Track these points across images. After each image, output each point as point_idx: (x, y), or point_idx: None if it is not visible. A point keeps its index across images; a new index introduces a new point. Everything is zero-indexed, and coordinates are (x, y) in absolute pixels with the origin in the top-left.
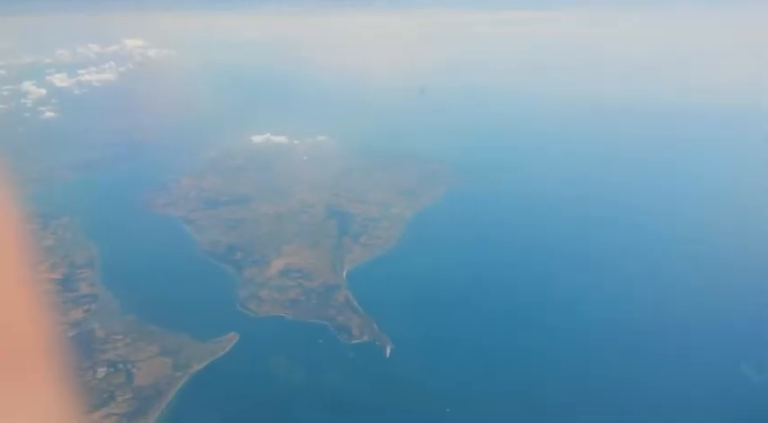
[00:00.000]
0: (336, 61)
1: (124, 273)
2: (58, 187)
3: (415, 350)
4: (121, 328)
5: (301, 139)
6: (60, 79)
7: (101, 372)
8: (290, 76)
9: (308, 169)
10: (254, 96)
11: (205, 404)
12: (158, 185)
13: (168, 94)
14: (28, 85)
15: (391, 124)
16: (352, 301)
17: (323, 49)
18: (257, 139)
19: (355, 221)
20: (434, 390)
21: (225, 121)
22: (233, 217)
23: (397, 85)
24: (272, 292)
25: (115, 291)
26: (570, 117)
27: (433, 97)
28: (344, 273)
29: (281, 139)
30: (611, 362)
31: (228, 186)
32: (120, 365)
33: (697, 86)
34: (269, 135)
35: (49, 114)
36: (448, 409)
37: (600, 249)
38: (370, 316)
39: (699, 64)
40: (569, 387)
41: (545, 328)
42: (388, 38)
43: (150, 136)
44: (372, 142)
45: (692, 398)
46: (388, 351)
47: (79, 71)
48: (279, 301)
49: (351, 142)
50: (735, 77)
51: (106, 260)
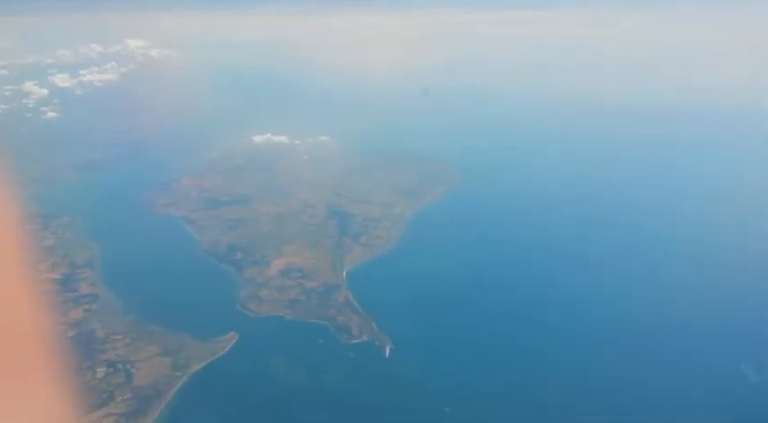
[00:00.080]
0: (337, 61)
1: (125, 273)
2: (59, 187)
3: (414, 350)
4: (121, 328)
5: (302, 139)
6: (62, 79)
7: (100, 372)
8: (291, 76)
9: (308, 169)
10: (254, 96)
11: (204, 404)
12: (159, 185)
13: (170, 94)
14: (30, 86)
15: (391, 124)
16: (352, 301)
17: (323, 49)
18: (258, 139)
19: (356, 221)
20: (434, 390)
21: (226, 121)
22: (234, 217)
23: (398, 85)
24: (273, 292)
25: (116, 291)
26: (570, 117)
27: (433, 97)
28: (345, 273)
29: (281, 139)
30: (611, 362)
31: (229, 186)
32: (120, 365)
33: (697, 86)
34: (270, 135)
35: (51, 114)
36: (447, 409)
37: (600, 249)
38: (370, 316)
39: (699, 64)
40: (569, 387)
41: (545, 328)
42: (388, 38)
43: (152, 136)
44: (373, 142)
45: (692, 398)
46: (387, 351)
47: (81, 71)
48: (279, 300)
49: (351, 142)
50: (735, 77)
51: (107, 260)
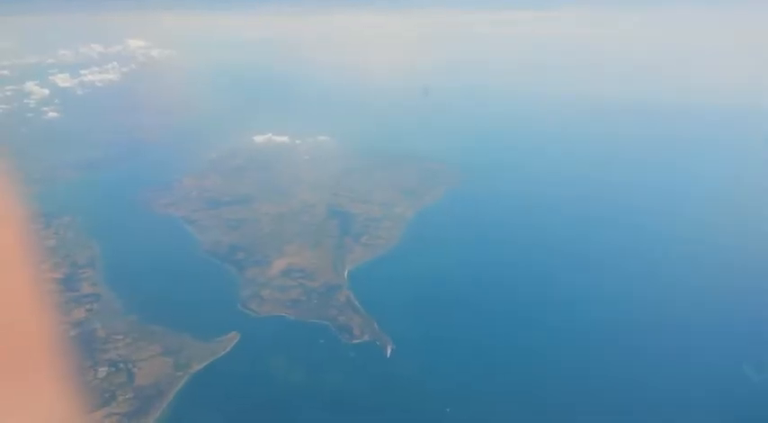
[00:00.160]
0: (337, 61)
1: (126, 272)
2: (60, 187)
3: (415, 350)
4: (123, 328)
5: (303, 139)
6: (63, 79)
7: (102, 371)
8: (291, 75)
9: (309, 169)
10: (255, 96)
11: (206, 404)
12: (160, 185)
13: (170, 94)
14: (31, 86)
15: (392, 124)
16: (354, 300)
17: (323, 49)
18: (259, 139)
19: (357, 221)
20: (435, 389)
21: (227, 121)
22: (235, 217)
23: (398, 85)
24: (274, 292)
25: (117, 290)
26: (570, 117)
27: (433, 97)
28: (346, 273)
29: (282, 139)
30: (611, 362)
31: (230, 186)
32: (122, 365)
33: (697, 86)
34: (270, 135)
35: (52, 114)
36: (448, 409)
37: (600, 249)
38: (371, 316)
39: (699, 64)
40: (569, 387)
41: (545, 328)
42: (388, 38)
43: (153, 136)
44: (373, 142)
45: (692, 398)
46: (388, 351)
47: (82, 71)
48: (280, 300)
49: (351, 142)
50: (735, 77)
51: (108, 260)
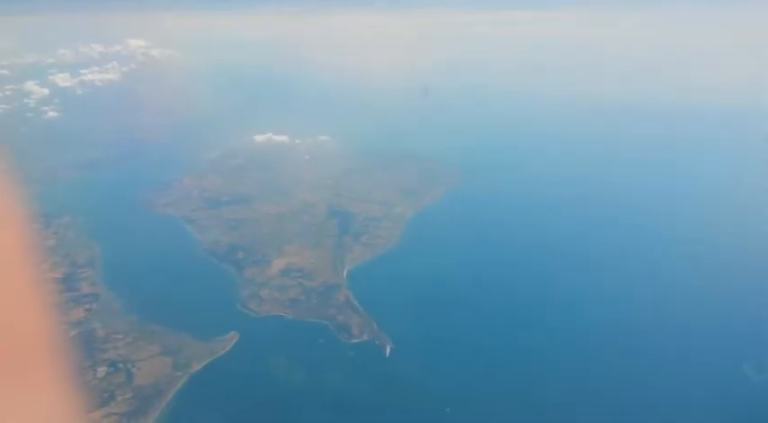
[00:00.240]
0: (337, 61)
1: (125, 272)
2: (60, 187)
3: (415, 350)
4: (122, 328)
5: (303, 139)
6: (63, 79)
7: (101, 371)
8: (292, 75)
9: (309, 169)
10: (255, 96)
11: (205, 404)
12: (160, 185)
13: (170, 93)
14: (31, 85)
15: (392, 124)
16: (353, 300)
17: (323, 49)
18: (259, 138)
19: (356, 221)
20: (434, 389)
21: (227, 120)
22: (234, 217)
23: (398, 85)
24: (273, 292)
25: (116, 290)
26: (570, 117)
27: (433, 97)
28: (345, 272)
29: (282, 138)
30: (611, 362)
31: (230, 186)
32: (121, 365)
33: (697, 86)
34: (270, 135)
35: (52, 114)
36: (448, 409)
37: (600, 249)
38: (371, 315)
39: (699, 64)
40: (569, 387)
41: (545, 328)
42: (388, 38)
43: (152, 135)
44: (373, 142)
45: (692, 398)
46: (387, 350)
47: (82, 71)
48: (279, 300)
49: (352, 142)
50: (735, 77)
51: (108, 260)
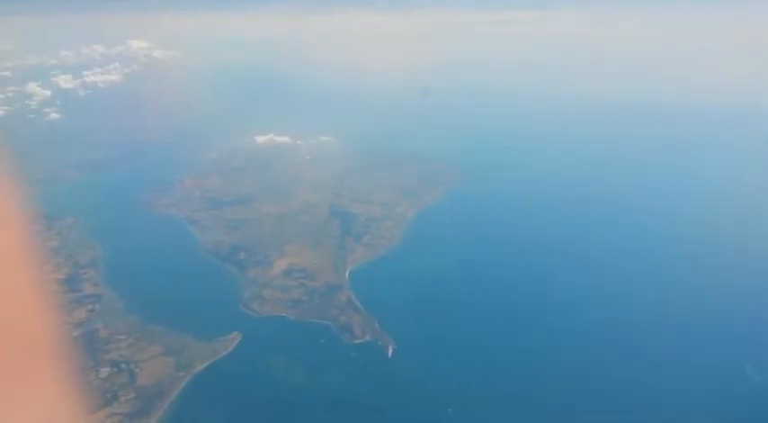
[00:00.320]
0: (337, 61)
1: (128, 273)
2: (62, 188)
3: (416, 350)
4: (125, 328)
5: (304, 140)
6: (65, 81)
7: (104, 372)
8: (292, 76)
9: (310, 169)
10: (257, 96)
11: (207, 404)
12: (162, 186)
13: (172, 94)
14: (33, 87)
15: (392, 124)
16: (355, 300)
17: (324, 49)
18: (260, 139)
19: (358, 221)
20: (436, 389)
21: (228, 121)
22: (236, 217)
23: (398, 84)
24: (275, 292)
25: (119, 291)
26: (570, 117)
27: (433, 97)
28: (347, 273)
29: (284, 139)
30: (611, 362)
31: (231, 186)
32: (123, 365)
33: (697, 86)
34: (272, 135)
35: (54, 116)
36: (450, 409)
37: (600, 249)
38: (373, 316)
39: (699, 64)
40: (569, 387)
41: (545, 328)
42: (388, 38)
43: (154, 136)
44: (373, 142)
45: (693, 398)
46: (390, 351)
47: (84, 72)
48: (281, 301)
49: (352, 142)
50: (735, 77)
51: (110, 260)
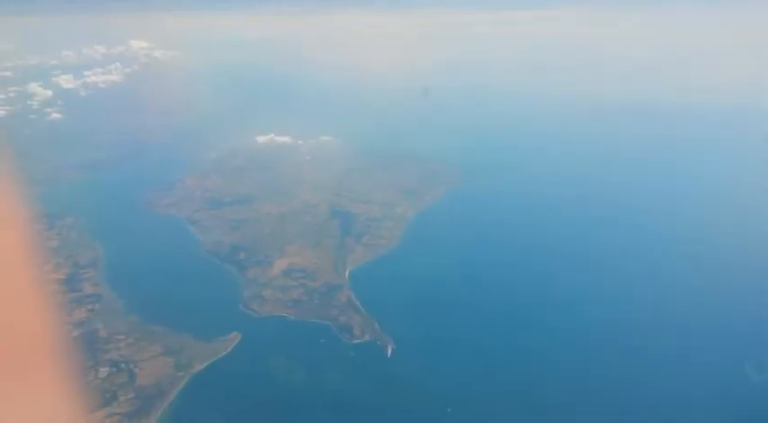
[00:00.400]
0: (337, 61)
1: (128, 273)
2: (63, 188)
3: (416, 350)
4: (124, 328)
5: (305, 140)
6: (66, 81)
7: (103, 371)
8: (293, 76)
9: (310, 169)
10: (257, 96)
11: (207, 404)
12: (163, 185)
13: (173, 94)
14: (34, 87)
15: (392, 124)
16: (355, 300)
17: (324, 49)
18: (261, 139)
19: (358, 221)
20: (435, 389)
21: (229, 121)
22: (236, 217)
23: (398, 84)
24: (275, 292)
25: (119, 291)
26: (570, 117)
27: (433, 97)
28: (347, 273)
29: (284, 139)
30: (611, 362)
31: (232, 186)
32: (123, 365)
33: (697, 86)
34: (273, 135)
35: (55, 116)
36: (449, 409)
37: (600, 249)
38: (372, 316)
39: (699, 64)
40: (569, 387)
41: (545, 328)
42: (388, 38)
43: (155, 136)
44: (373, 142)
45: (692, 398)
46: (389, 351)
47: (85, 72)
48: (281, 300)
49: (353, 142)
50: (735, 77)
51: (110, 260)
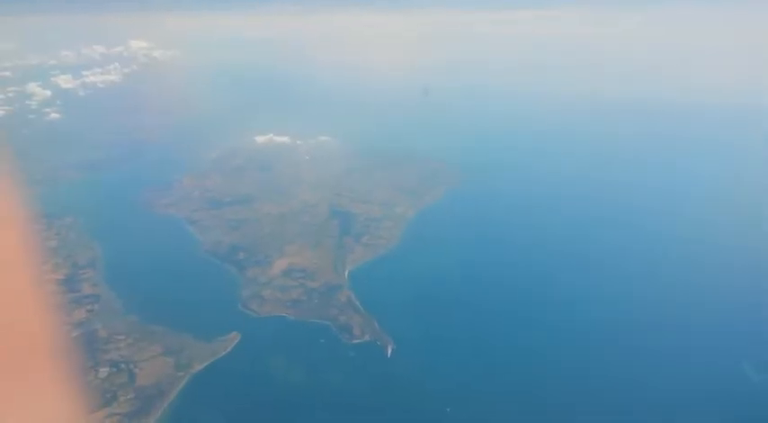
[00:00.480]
0: (337, 61)
1: (127, 273)
2: (62, 188)
3: (416, 350)
4: (124, 329)
5: (304, 140)
6: (65, 81)
7: (103, 372)
8: (292, 75)
9: (310, 169)
10: (257, 96)
11: (206, 404)
12: (162, 185)
13: (172, 94)
14: (33, 87)
15: (392, 124)
16: (354, 300)
17: (324, 49)
18: (260, 139)
19: (357, 221)
20: (435, 389)
21: (228, 121)
22: (236, 217)
23: (398, 84)
24: (275, 292)
25: (118, 291)
26: (571, 117)
27: (433, 97)
28: (346, 273)
29: (283, 139)
30: (611, 362)
31: (231, 186)
32: (123, 365)
33: (698, 86)
34: (272, 135)
35: (54, 116)
36: (448, 409)
37: (600, 249)
38: (372, 315)
39: (700, 63)
40: (569, 387)
41: (545, 328)
42: (388, 37)
43: (154, 136)
44: (373, 142)
45: (692, 398)
46: (389, 351)
47: (84, 72)
48: (281, 300)
49: (352, 142)
50: (735, 77)
51: (109, 260)
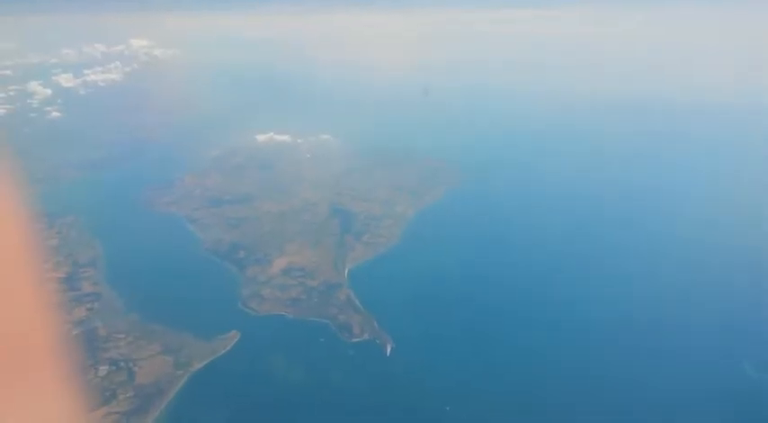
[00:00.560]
0: (338, 60)
1: (127, 271)
2: (63, 187)
3: (415, 349)
4: (124, 327)
5: (304, 138)
6: (66, 79)
7: (102, 370)
8: (293, 75)
9: (310, 168)
10: (257, 95)
11: (206, 402)
12: (162, 184)
13: (173, 93)
14: (34, 86)
15: (393, 123)
16: (354, 299)
17: (325, 49)
18: (261, 137)
19: (358, 220)
20: (434, 388)
21: (229, 119)
22: (236, 215)
23: (399, 83)
24: (275, 291)
25: (118, 289)
26: (571, 116)
27: (434, 96)
28: (346, 271)
29: (284, 137)
30: (611, 362)
31: (232, 185)
32: (122, 364)
33: (699, 85)
34: (272, 134)
35: (55, 114)
36: (448, 408)
37: (600, 249)
38: (371, 314)
39: (700, 62)
40: (569, 387)
41: (545, 328)
42: (389, 37)
43: (155, 135)
44: (374, 141)
45: (693, 397)
46: (388, 349)
47: (85, 71)
48: (281, 299)
49: (353, 141)
50: (736, 76)
51: (110, 259)
